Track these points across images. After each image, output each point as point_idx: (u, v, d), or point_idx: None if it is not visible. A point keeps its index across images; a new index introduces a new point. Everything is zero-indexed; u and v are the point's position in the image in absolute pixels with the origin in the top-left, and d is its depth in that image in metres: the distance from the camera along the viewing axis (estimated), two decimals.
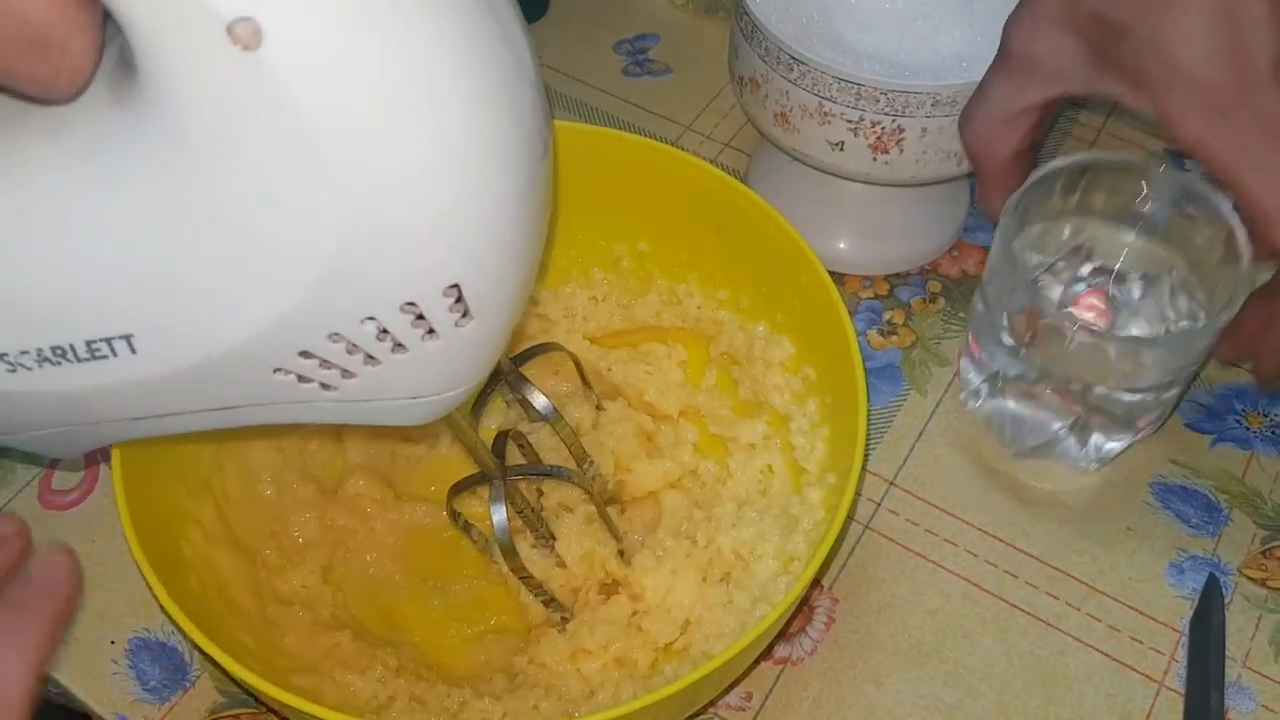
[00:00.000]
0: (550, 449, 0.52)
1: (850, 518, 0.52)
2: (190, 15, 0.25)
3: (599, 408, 0.54)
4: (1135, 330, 0.50)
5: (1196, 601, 0.52)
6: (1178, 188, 0.50)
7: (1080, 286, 0.51)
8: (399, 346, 0.32)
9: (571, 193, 0.54)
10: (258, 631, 0.45)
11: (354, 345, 0.31)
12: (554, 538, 0.49)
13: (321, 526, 0.51)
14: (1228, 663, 0.50)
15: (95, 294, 0.30)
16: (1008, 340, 0.50)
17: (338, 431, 0.53)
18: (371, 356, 0.32)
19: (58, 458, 0.38)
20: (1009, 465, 0.55)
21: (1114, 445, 0.53)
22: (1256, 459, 0.56)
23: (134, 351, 0.31)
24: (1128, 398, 0.50)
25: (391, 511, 0.52)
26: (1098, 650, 0.50)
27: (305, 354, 0.31)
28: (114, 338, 0.31)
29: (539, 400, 0.49)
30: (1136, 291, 0.51)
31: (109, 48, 0.29)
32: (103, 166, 0.29)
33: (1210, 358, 0.50)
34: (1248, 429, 0.57)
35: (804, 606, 0.51)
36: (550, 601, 0.48)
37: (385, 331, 0.31)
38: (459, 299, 0.31)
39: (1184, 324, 0.50)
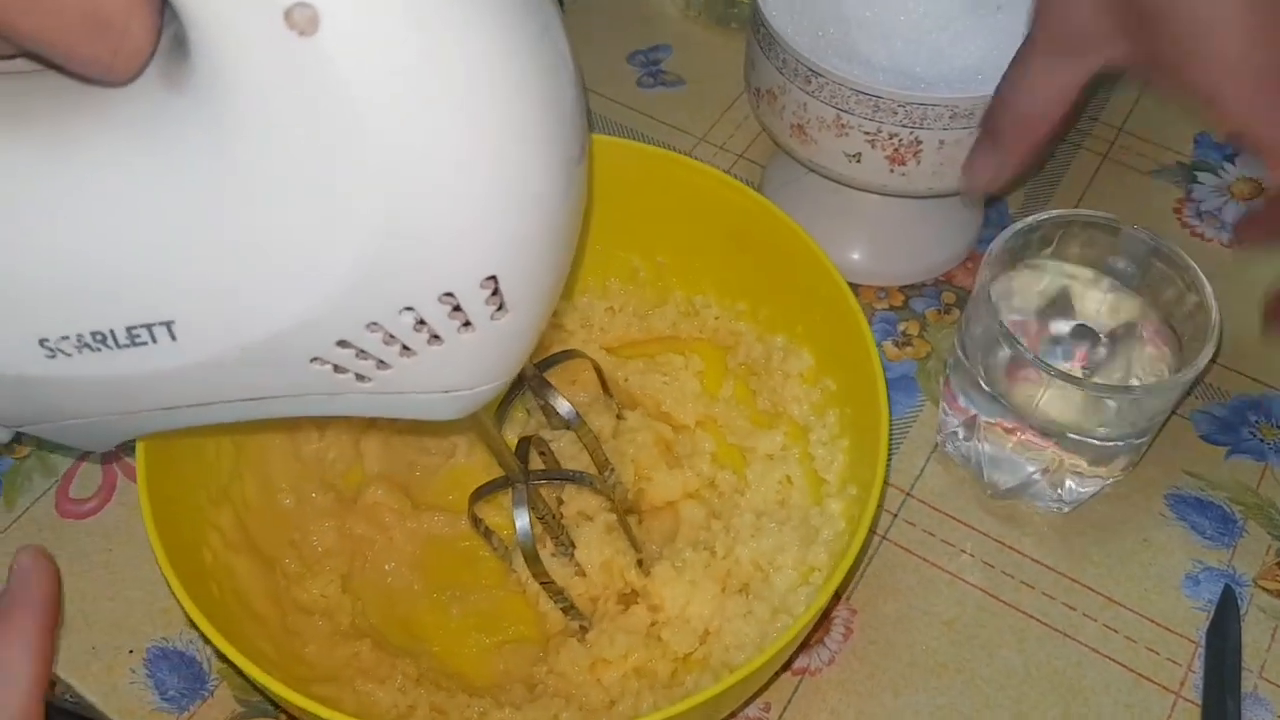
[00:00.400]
0: (570, 458, 0.52)
1: (873, 530, 0.52)
2: (248, 0, 0.25)
3: (619, 416, 0.54)
4: (1107, 380, 0.50)
5: (1212, 613, 0.52)
6: (1147, 247, 0.51)
7: (1056, 335, 0.51)
8: (435, 338, 0.32)
9: (592, 204, 0.54)
10: (278, 640, 0.46)
11: (391, 335, 0.31)
12: (574, 545, 0.50)
13: (340, 535, 0.51)
14: (1244, 674, 0.50)
15: (139, 278, 0.30)
16: (984, 386, 0.50)
17: (356, 441, 0.53)
18: (408, 347, 0.32)
19: (88, 449, 0.38)
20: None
21: (1086, 490, 0.53)
22: (1271, 471, 0.56)
23: (174, 339, 0.31)
24: (1100, 443, 0.50)
25: (410, 521, 0.52)
26: (1115, 661, 0.50)
27: (343, 343, 0.32)
28: (155, 324, 0.31)
29: (563, 406, 0.49)
30: (1109, 342, 0.51)
31: (165, 31, 0.29)
32: (152, 148, 0.29)
33: (1176, 408, 0.51)
34: (1262, 441, 0.57)
35: (822, 617, 0.51)
36: (570, 609, 0.49)
37: (422, 322, 0.31)
38: (495, 291, 0.31)
39: (1151, 379, 0.50)
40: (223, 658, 0.39)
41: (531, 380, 0.49)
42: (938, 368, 0.59)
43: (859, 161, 0.55)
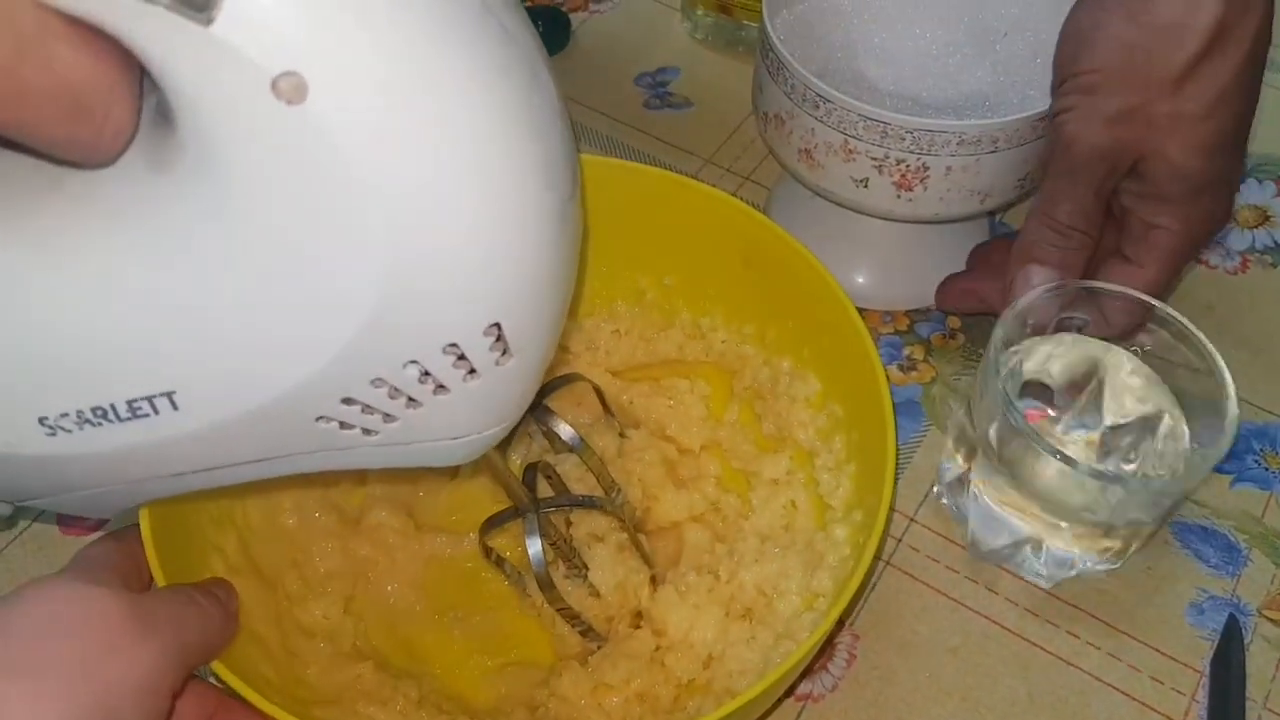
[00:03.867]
0: (576, 479, 0.52)
1: (878, 556, 0.52)
2: (234, 71, 0.25)
3: (622, 435, 0.54)
4: (1113, 468, 0.49)
5: (1217, 642, 0.52)
6: (1174, 328, 0.50)
7: (1070, 416, 0.50)
8: (441, 388, 0.32)
9: (595, 225, 0.54)
10: (279, 663, 0.45)
11: (396, 389, 0.32)
12: (587, 568, 0.49)
13: (343, 557, 0.51)
14: (1248, 704, 0.50)
15: (137, 354, 0.30)
16: (989, 453, 0.50)
17: None
18: (413, 399, 0.32)
19: (93, 518, 0.38)
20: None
21: (1069, 573, 0.52)
22: (1276, 499, 0.56)
23: (176, 408, 0.31)
24: (1094, 522, 0.49)
25: (413, 542, 0.52)
26: (1118, 690, 0.50)
27: (348, 400, 0.32)
28: (156, 395, 0.31)
29: (565, 431, 0.49)
30: (1135, 429, 0.50)
31: (146, 113, 0.29)
32: (142, 231, 0.29)
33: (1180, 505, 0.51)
34: (1267, 469, 0.57)
35: (826, 643, 0.51)
36: (588, 631, 0.48)
37: (427, 374, 0.31)
38: (499, 338, 0.31)
39: (1162, 473, 0.48)
40: (222, 681, 0.39)
41: (534, 407, 0.49)
42: (943, 393, 0.59)
43: (866, 187, 0.55)
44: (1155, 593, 0.53)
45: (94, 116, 0.26)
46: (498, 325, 0.31)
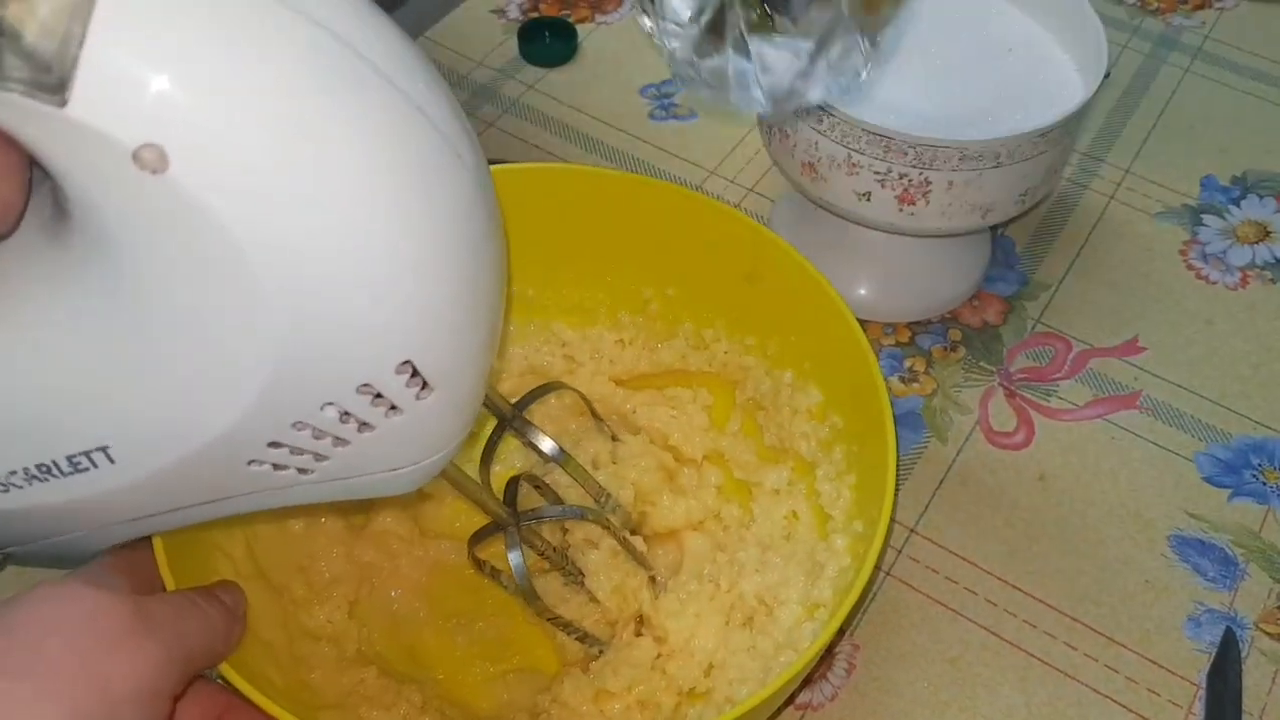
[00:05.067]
0: (569, 485, 0.52)
1: (879, 567, 0.53)
2: (96, 147, 0.26)
3: (614, 438, 0.55)
4: None
5: (1214, 655, 0.52)
6: None
7: None
8: (365, 425, 0.32)
9: (600, 236, 0.55)
10: (284, 666, 0.46)
11: (320, 430, 0.32)
12: (583, 574, 0.50)
13: (348, 562, 0.51)
14: (1244, 717, 0.50)
15: (67, 413, 0.32)
16: None
17: None
18: (340, 439, 0.33)
19: (67, 565, 0.39)
20: (1031, 509, 0.56)
21: (874, 38, 0.47)
22: (1273, 514, 0.56)
23: (112, 461, 0.33)
24: None
25: (417, 548, 0.52)
26: (1115, 702, 0.50)
27: (274, 444, 0.32)
28: (92, 450, 0.32)
29: (545, 444, 0.50)
30: None
31: (43, 192, 0.30)
32: (51, 302, 0.30)
33: None
34: (1264, 484, 0.57)
35: (826, 653, 0.51)
36: (585, 637, 0.49)
37: (348, 414, 0.32)
38: (414, 374, 0.32)
39: None
40: (230, 684, 0.39)
41: (512, 420, 0.50)
42: (944, 404, 0.60)
43: (869, 200, 0.55)
44: (1153, 605, 0.53)
45: None
46: (409, 363, 0.31)
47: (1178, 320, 0.64)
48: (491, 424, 0.51)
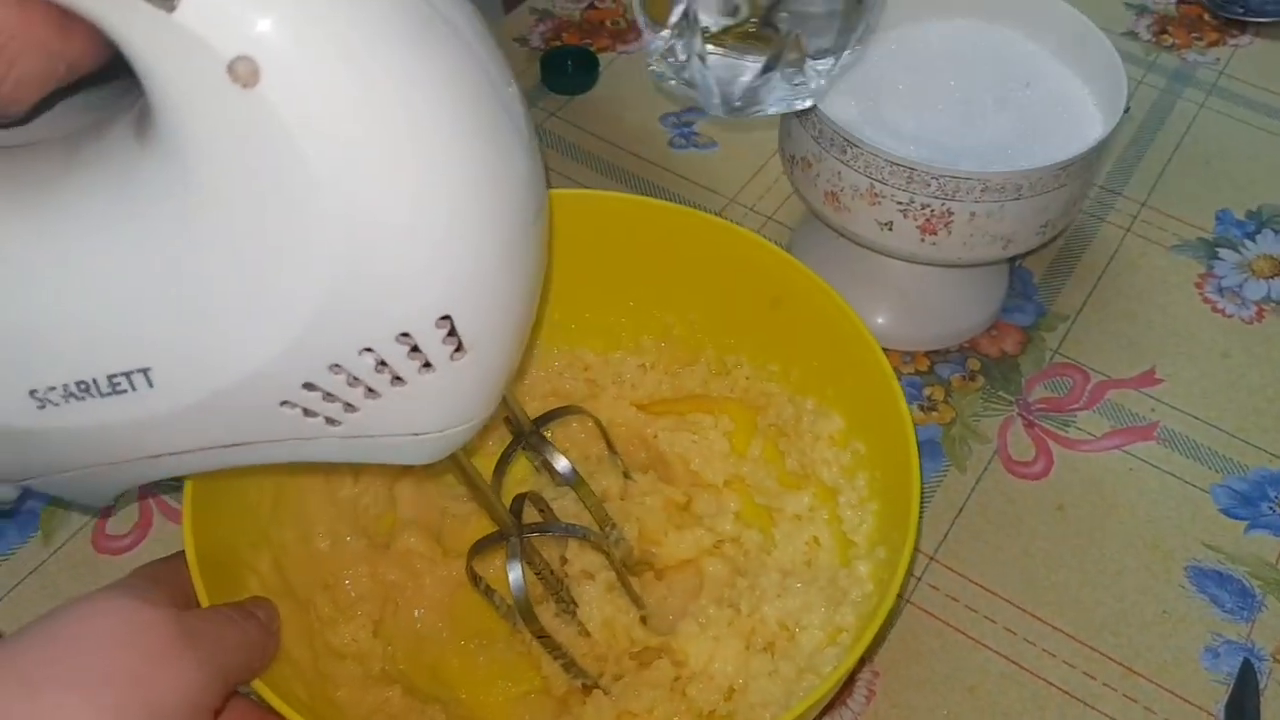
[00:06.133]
0: (572, 516, 0.53)
1: (903, 595, 0.53)
2: (193, 54, 0.27)
3: (626, 476, 0.55)
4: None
5: (1232, 687, 0.52)
6: None
7: None
8: (397, 379, 0.33)
9: (624, 261, 0.55)
10: (310, 683, 0.46)
11: (354, 378, 0.33)
12: (575, 604, 0.50)
13: (373, 581, 0.51)
14: None
15: (116, 328, 0.32)
16: None
17: (390, 486, 0.54)
18: (371, 389, 0.33)
19: (86, 504, 0.39)
20: (1049, 540, 0.56)
21: (825, 63, 0.49)
22: None
23: (151, 385, 0.33)
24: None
25: (440, 568, 0.53)
26: None
27: (309, 385, 0.33)
28: (133, 371, 0.33)
29: (560, 463, 0.50)
30: None
31: (137, 94, 0.30)
32: (126, 205, 0.31)
33: None
34: None
35: (847, 679, 0.51)
36: (570, 666, 0.49)
37: (383, 363, 0.33)
38: (451, 331, 0.33)
39: None
40: (262, 699, 0.39)
41: (530, 436, 0.50)
42: (962, 433, 0.60)
43: (891, 230, 0.56)
44: (1171, 636, 0.54)
45: (1, 62, 0.27)
46: (449, 318, 0.32)
47: (1194, 353, 0.64)
48: (507, 440, 0.51)
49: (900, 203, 0.55)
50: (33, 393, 0.33)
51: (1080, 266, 0.68)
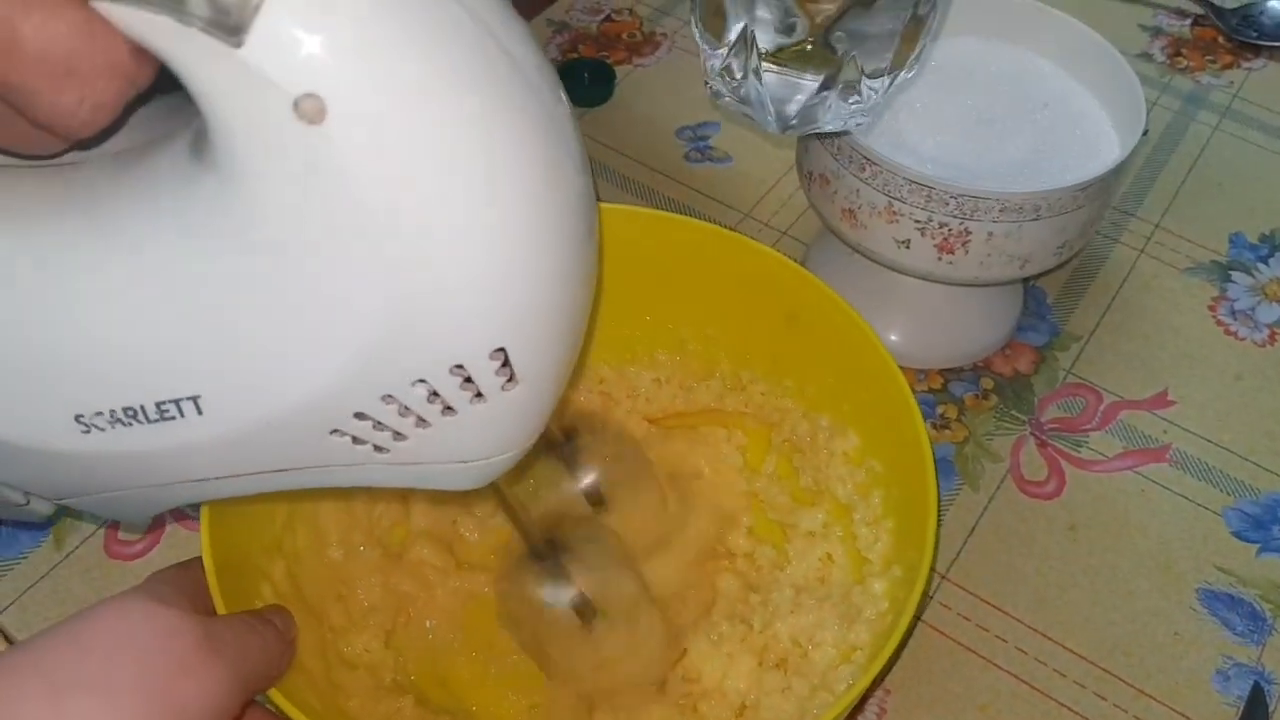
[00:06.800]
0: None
1: (919, 616, 0.53)
2: (258, 90, 0.27)
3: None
4: None
5: (1241, 710, 0.52)
6: None
7: None
8: (448, 409, 0.33)
9: (639, 274, 0.55)
10: (323, 693, 0.46)
11: (406, 408, 0.33)
12: (595, 613, 0.49)
13: (385, 591, 0.51)
14: None
15: (169, 355, 0.32)
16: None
17: (404, 496, 0.54)
18: (422, 419, 0.33)
19: (125, 522, 0.39)
20: (1060, 561, 0.56)
21: (881, 82, 0.50)
22: None
23: (200, 413, 0.33)
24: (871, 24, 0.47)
25: (452, 579, 0.53)
26: None
27: (360, 415, 0.33)
28: (182, 399, 0.32)
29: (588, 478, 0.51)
30: None
31: (192, 117, 0.30)
32: (181, 225, 0.30)
33: None
34: None
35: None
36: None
37: (435, 394, 0.33)
38: (505, 363, 0.33)
39: None
40: (278, 708, 0.39)
41: (563, 447, 0.51)
42: (975, 452, 0.60)
43: (908, 248, 0.56)
44: (1182, 658, 0.54)
45: (80, 87, 0.27)
46: (503, 350, 0.32)
47: (1207, 375, 0.64)
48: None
49: (918, 221, 0.55)
50: (78, 418, 0.33)
51: (1094, 287, 0.68)
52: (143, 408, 0.33)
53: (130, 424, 0.33)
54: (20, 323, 0.32)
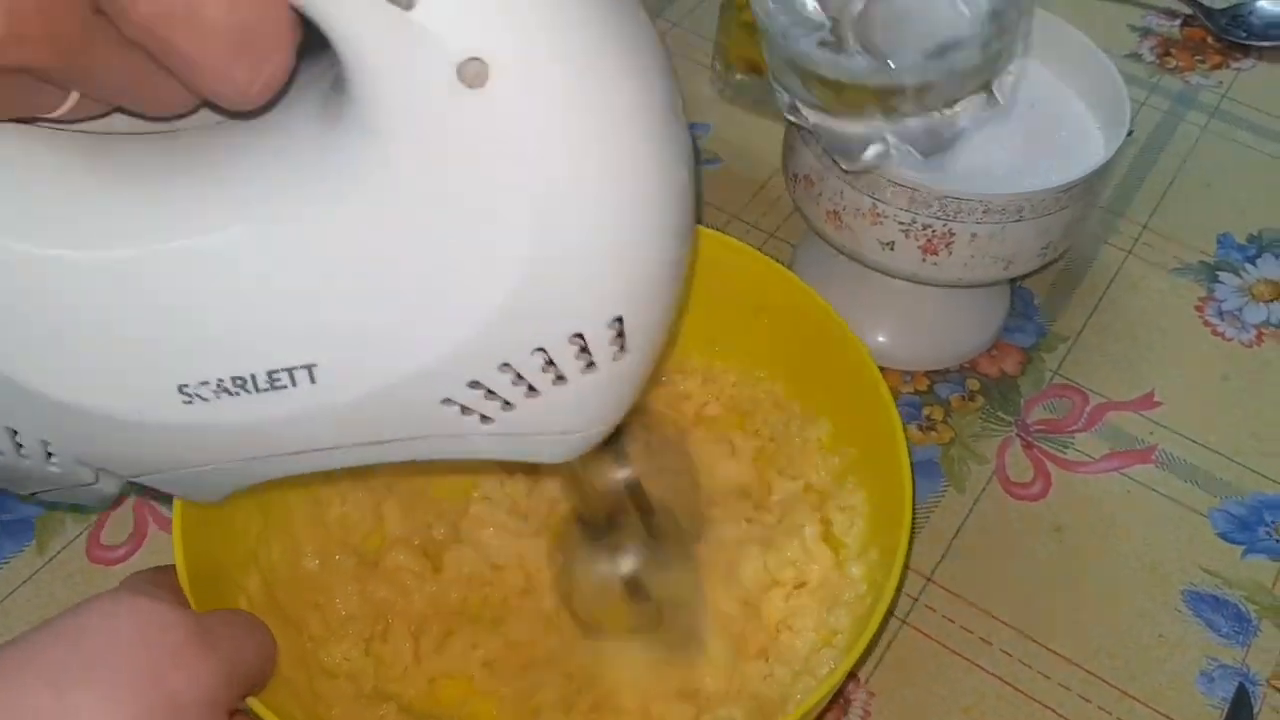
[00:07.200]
0: None
1: (900, 589, 0.53)
2: (422, 54, 0.27)
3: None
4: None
5: (1226, 711, 0.52)
6: None
7: None
8: (560, 378, 0.33)
9: None
10: (305, 703, 0.46)
11: (520, 376, 0.32)
12: (646, 594, 0.50)
13: (363, 599, 0.51)
14: None
15: (286, 319, 0.31)
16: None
17: (377, 504, 0.54)
18: (534, 388, 0.33)
19: (200, 499, 0.38)
20: (1047, 563, 0.56)
21: (958, 119, 0.50)
22: None
23: (313, 381, 0.32)
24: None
25: (430, 584, 0.52)
26: None
27: (474, 384, 0.32)
28: (296, 367, 0.31)
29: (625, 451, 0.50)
30: None
31: (323, 75, 0.30)
32: (309, 189, 0.30)
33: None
34: (1278, 541, 0.58)
35: (840, 698, 0.51)
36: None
37: (551, 362, 0.32)
38: (620, 333, 0.32)
39: None
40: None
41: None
42: (961, 453, 0.60)
43: (892, 249, 0.56)
44: (1167, 660, 0.54)
45: (254, 60, 0.26)
46: (620, 319, 0.32)
47: (1193, 376, 0.64)
48: None
49: (902, 223, 0.55)
50: (182, 388, 0.31)
51: (1081, 288, 0.68)
52: (253, 376, 0.31)
53: (238, 394, 0.32)
54: (127, 289, 0.30)
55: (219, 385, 0.31)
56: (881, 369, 0.49)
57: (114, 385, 0.32)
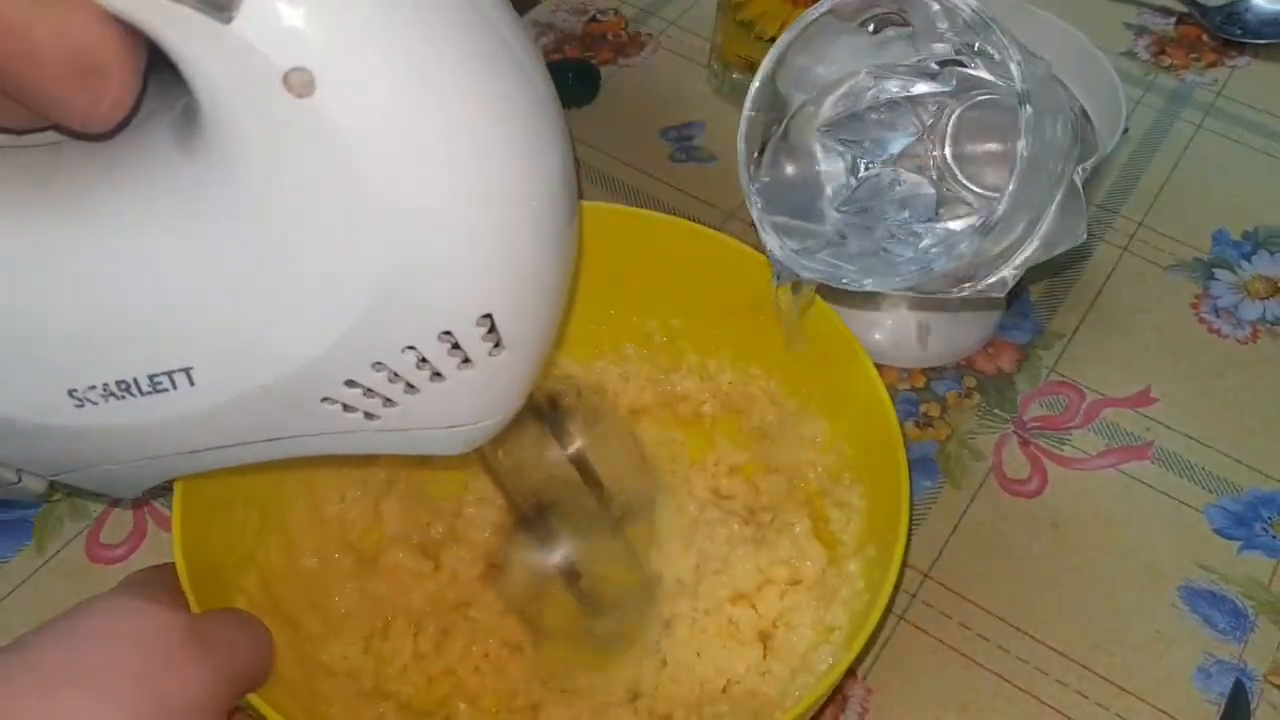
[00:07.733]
0: None
1: (898, 586, 0.53)
2: (248, 64, 0.27)
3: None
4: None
5: (1223, 707, 0.52)
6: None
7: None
8: (437, 375, 0.34)
9: (602, 269, 0.54)
10: (304, 702, 0.46)
11: (395, 374, 0.34)
12: (580, 577, 0.50)
13: (361, 597, 0.51)
14: None
15: (160, 329, 0.33)
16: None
17: (376, 502, 0.54)
18: (411, 385, 0.34)
19: (118, 495, 0.40)
20: (1043, 560, 0.56)
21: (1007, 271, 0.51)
22: None
23: (193, 384, 0.33)
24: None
25: (428, 582, 0.53)
26: None
27: (351, 383, 0.34)
28: (174, 370, 0.33)
29: (576, 443, 0.51)
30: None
31: (175, 98, 0.31)
32: (169, 208, 0.31)
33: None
34: (1275, 537, 0.58)
35: (838, 695, 0.52)
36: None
37: (424, 360, 0.33)
38: (491, 329, 0.33)
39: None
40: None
41: (548, 414, 0.51)
42: (958, 451, 0.60)
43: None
44: (1164, 655, 0.54)
45: (97, 82, 0.27)
46: (489, 316, 0.33)
47: (1189, 372, 0.65)
48: None
49: None
50: (71, 392, 0.33)
51: (1077, 285, 0.68)
52: (135, 380, 0.33)
53: (124, 397, 0.33)
54: (11, 302, 0.32)
55: (105, 389, 0.33)
56: (878, 366, 0.49)
57: (9, 391, 0.34)
